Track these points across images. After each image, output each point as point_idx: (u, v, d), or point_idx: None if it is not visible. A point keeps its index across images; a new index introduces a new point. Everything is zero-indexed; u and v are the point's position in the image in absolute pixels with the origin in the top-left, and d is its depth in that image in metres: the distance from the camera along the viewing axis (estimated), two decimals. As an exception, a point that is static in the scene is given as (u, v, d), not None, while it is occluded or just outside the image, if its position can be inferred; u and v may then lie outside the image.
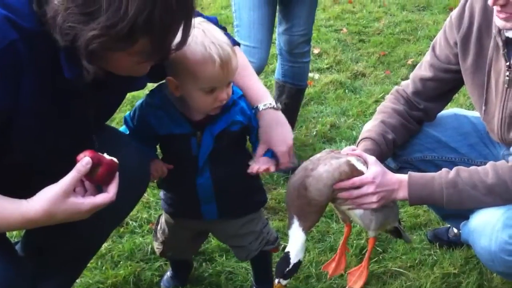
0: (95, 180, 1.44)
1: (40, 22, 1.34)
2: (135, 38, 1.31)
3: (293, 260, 1.81)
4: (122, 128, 1.87)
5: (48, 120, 1.47)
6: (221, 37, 1.65)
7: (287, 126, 1.83)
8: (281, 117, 1.82)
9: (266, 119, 1.80)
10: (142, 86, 1.76)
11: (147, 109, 1.79)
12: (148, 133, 1.81)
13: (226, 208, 1.90)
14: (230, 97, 1.74)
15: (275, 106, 1.81)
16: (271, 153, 1.81)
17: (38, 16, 1.34)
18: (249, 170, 1.79)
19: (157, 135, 1.81)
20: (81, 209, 1.41)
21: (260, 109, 1.80)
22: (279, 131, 1.80)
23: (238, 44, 1.90)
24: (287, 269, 1.82)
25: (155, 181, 1.94)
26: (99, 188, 1.46)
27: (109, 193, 1.44)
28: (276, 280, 1.84)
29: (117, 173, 1.47)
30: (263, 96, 1.82)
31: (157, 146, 1.92)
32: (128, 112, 1.86)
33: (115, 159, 1.45)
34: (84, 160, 1.40)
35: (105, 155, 1.44)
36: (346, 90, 3.98)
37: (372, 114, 2.12)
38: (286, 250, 1.83)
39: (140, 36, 1.31)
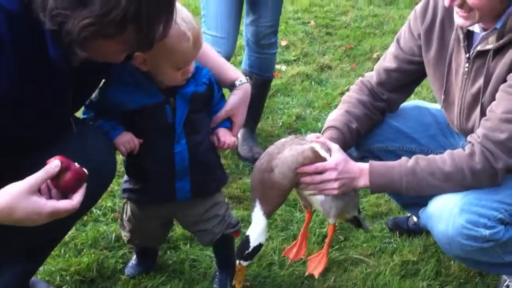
0: (61, 186, 1.44)
1: (24, 5, 1.37)
2: (124, 27, 1.36)
3: (253, 243, 1.86)
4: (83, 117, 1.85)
5: (27, 101, 1.48)
6: (188, 13, 1.69)
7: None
8: (249, 95, 1.96)
9: (241, 95, 1.92)
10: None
11: (115, 87, 1.77)
12: (116, 113, 1.80)
13: (198, 184, 1.91)
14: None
15: (249, 81, 1.95)
16: (228, 125, 1.92)
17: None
18: (221, 145, 1.90)
19: (127, 112, 1.80)
20: (42, 210, 1.40)
21: (237, 84, 1.91)
22: (245, 109, 1.94)
23: None
24: (247, 252, 1.87)
25: (124, 158, 1.91)
26: (65, 198, 1.46)
27: (73, 201, 1.45)
28: (237, 262, 1.90)
29: (85, 184, 1.47)
30: (238, 73, 1.95)
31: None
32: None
33: (85, 170, 1.46)
34: (54, 163, 1.41)
35: (76, 164, 1.45)
36: (312, 82, 4.01)
37: (337, 106, 2.16)
38: (247, 233, 1.87)
39: (129, 25, 1.36)
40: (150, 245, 2.20)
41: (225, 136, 1.91)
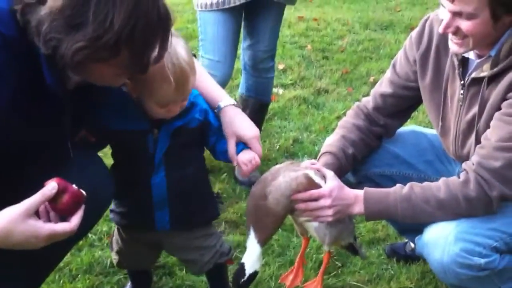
0: (59, 209, 1.43)
1: (20, 30, 1.37)
2: (118, 50, 1.35)
3: (248, 270, 1.85)
4: None
5: (23, 125, 1.48)
6: (182, 54, 1.67)
7: (249, 119, 1.89)
8: (241, 112, 1.89)
9: (228, 115, 1.85)
10: None
11: (105, 105, 1.77)
12: (99, 129, 1.81)
13: (178, 217, 1.90)
14: (188, 100, 1.78)
15: (235, 104, 1.88)
16: (242, 146, 1.85)
17: (19, 24, 1.37)
18: (241, 175, 1.82)
19: (110, 131, 1.80)
20: (39, 233, 1.39)
21: (222, 106, 1.85)
22: (242, 121, 1.86)
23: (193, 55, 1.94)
24: (243, 280, 1.86)
25: None
26: (63, 220, 1.45)
27: (71, 223, 1.44)
28: None
29: (83, 206, 1.46)
30: (222, 96, 1.89)
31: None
32: None
33: (83, 191, 1.45)
34: (50, 185, 1.40)
35: (74, 185, 1.44)
36: (309, 106, 4.02)
37: (334, 130, 2.16)
38: (242, 261, 1.86)
39: (123, 48, 1.35)
40: (138, 268, 2.17)
41: (244, 159, 1.82)
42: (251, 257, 1.85)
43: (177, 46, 1.66)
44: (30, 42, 1.38)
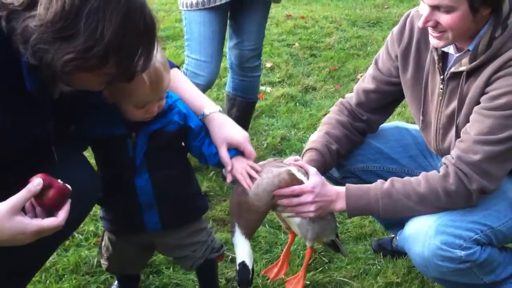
0: (45, 204, 1.43)
1: (2, 34, 1.37)
2: (106, 61, 1.36)
3: (250, 265, 1.87)
4: None
5: (4, 130, 1.47)
6: (156, 54, 1.66)
7: (236, 124, 1.88)
8: (228, 117, 1.88)
9: (216, 122, 1.84)
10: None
11: (84, 111, 1.77)
12: (81, 134, 1.81)
13: (168, 216, 1.90)
14: (166, 103, 1.78)
15: (220, 110, 1.87)
16: (234, 152, 1.84)
17: (3, 30, 1.37)
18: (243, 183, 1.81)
19: (91, 136, 1.82)
20: (26, 229, 1.39)
21: (207, 113, 1.84)
22: (231, 126, 1.85)
23: (177, 67, 1.95)
24: (251, 276, 1.88)
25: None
26: (50, 215, 1.45)
27: (58, 218, 1.44)
28: None
29: (69, 200, 1.46)
30: (206, 103, 1.88)
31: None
32: None
33: (68, 185, 1.45)
34: (36, 181, 1.40)
35: (59, 180, 1.44)
36: (297, 104, 4.03)
37: (321, 127, 2.16)
38: (240, 260, 1.87)
39: (111, 58, 1.36)
40: (129, 272, 2.18)
41: (237, 169, 1.82)
42: (247, 252, 1.86)
43: None
44: (12, 48, 1.37)
